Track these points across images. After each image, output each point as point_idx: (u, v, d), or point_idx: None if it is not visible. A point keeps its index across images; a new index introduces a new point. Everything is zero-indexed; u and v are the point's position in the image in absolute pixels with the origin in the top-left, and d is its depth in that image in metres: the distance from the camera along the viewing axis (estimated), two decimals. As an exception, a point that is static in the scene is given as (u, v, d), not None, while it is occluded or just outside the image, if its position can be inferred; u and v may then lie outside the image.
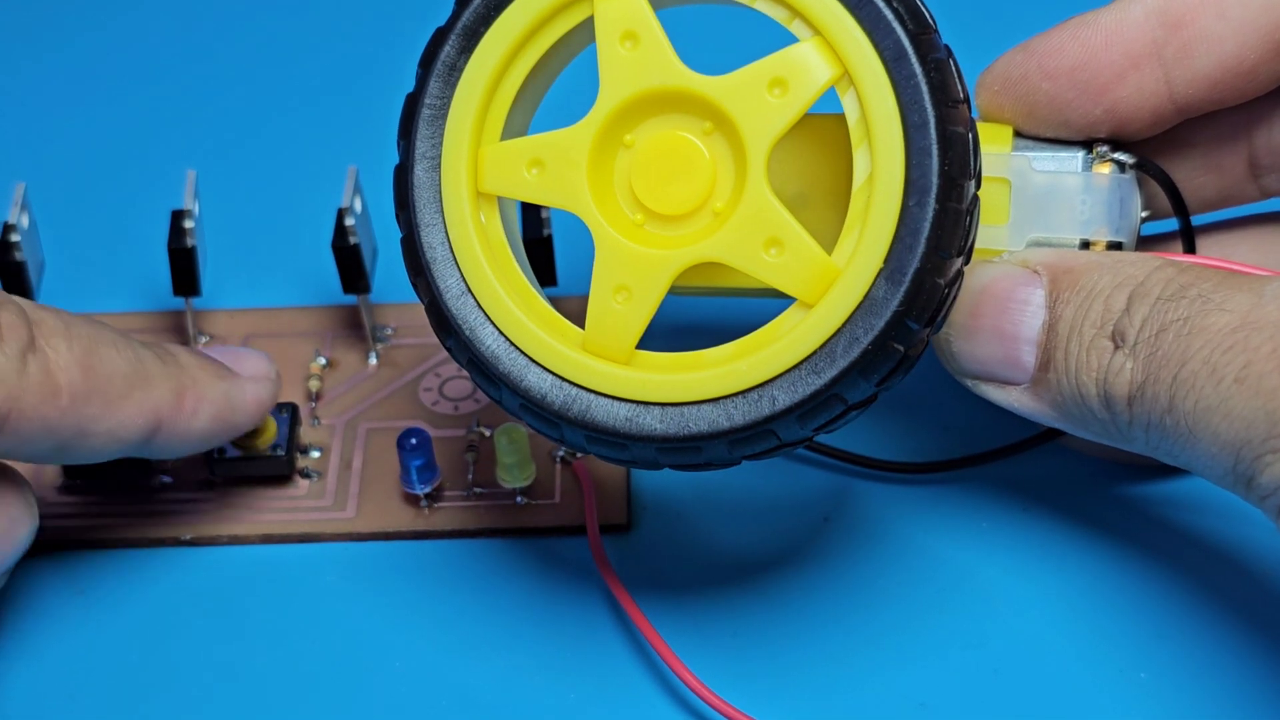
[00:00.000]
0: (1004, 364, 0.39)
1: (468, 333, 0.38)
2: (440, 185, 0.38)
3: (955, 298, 0.37)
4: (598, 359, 0.37)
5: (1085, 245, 0.40)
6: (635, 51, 0.37)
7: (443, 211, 0.38)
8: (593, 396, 0.37)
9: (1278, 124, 0.43)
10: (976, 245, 0.38)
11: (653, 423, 0.37)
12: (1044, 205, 0.41)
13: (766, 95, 0.37)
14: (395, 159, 0.39)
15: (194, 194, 0.48)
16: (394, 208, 0.39)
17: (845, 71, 0.36)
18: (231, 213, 0.53)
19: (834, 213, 0.40)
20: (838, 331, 0.36)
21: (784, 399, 0.36)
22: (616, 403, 0.37)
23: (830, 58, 0.36)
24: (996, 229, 0.41)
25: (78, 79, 0.58)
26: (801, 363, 0.36)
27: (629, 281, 0.37)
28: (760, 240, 0.37)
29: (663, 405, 0.37)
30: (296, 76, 0.58)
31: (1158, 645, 0.42)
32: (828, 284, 0.36)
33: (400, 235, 0.39)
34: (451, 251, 0.38)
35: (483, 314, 0.38)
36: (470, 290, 0.38)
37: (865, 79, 0.36)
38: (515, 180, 0.38)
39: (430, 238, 0.38)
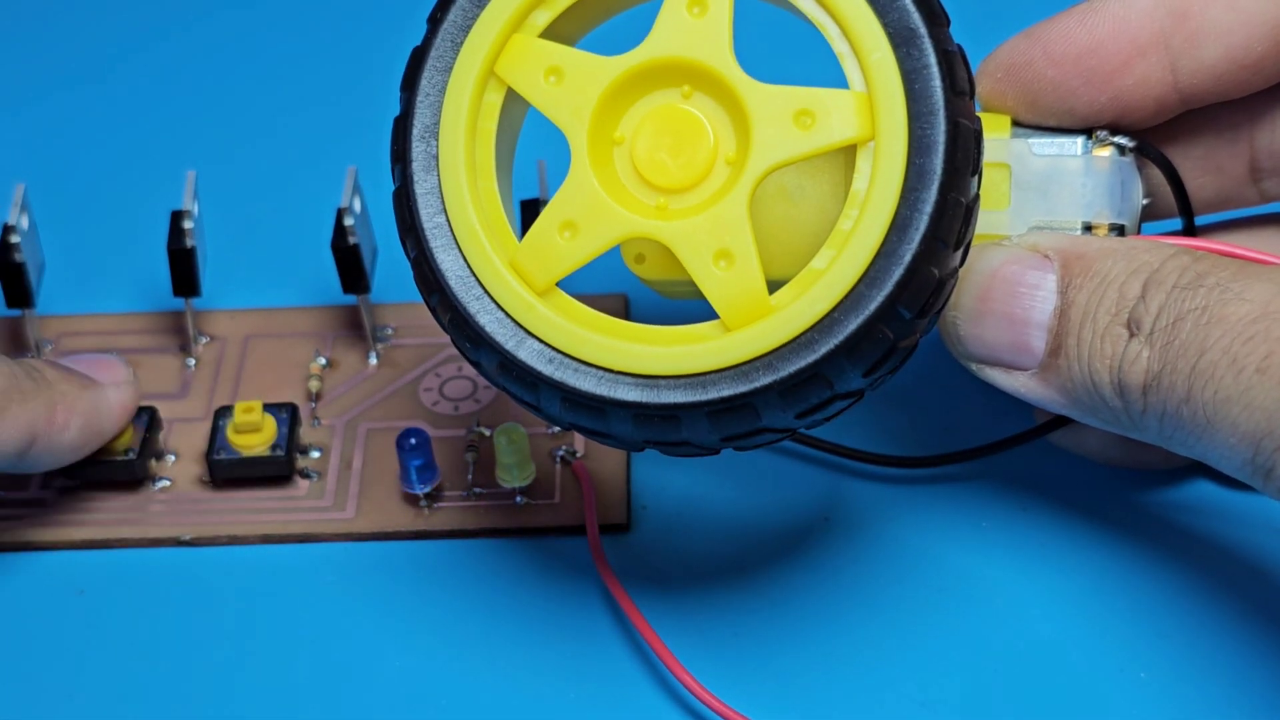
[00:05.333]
0: (1012, 349, 0.39)
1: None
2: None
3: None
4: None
5: (1087, 229, 0.40)
6: (699, 20, 0.37)
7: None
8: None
9: None
10: (979, 231, 0.38)
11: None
12: (1045, 189, 0.41)
13: (792, 124, 0.36)
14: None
15: (194, 194, 0.48)
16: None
17: (874, 136, 0.36)
18: (231, 213, 0.53)
19: (827, 210, 0.40)
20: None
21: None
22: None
23: (863, 114, 0.36)
24: (998, 214, 0.40)
25: (78, 79, 0.59)
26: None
27: (579, 219, 0.37)
28: (714, 247, 0.36)
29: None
30: (296, 77, 0.58)
31: (1158, 645, 0.42)
32: (751, 318, 0.36)
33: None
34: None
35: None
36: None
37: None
38: (533, 81, 0.37)
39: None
